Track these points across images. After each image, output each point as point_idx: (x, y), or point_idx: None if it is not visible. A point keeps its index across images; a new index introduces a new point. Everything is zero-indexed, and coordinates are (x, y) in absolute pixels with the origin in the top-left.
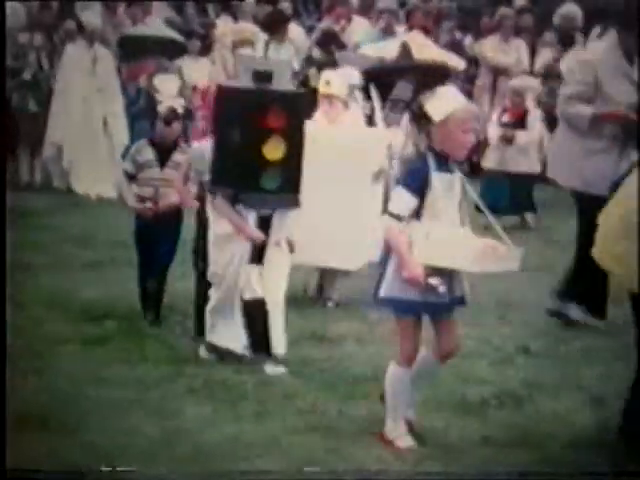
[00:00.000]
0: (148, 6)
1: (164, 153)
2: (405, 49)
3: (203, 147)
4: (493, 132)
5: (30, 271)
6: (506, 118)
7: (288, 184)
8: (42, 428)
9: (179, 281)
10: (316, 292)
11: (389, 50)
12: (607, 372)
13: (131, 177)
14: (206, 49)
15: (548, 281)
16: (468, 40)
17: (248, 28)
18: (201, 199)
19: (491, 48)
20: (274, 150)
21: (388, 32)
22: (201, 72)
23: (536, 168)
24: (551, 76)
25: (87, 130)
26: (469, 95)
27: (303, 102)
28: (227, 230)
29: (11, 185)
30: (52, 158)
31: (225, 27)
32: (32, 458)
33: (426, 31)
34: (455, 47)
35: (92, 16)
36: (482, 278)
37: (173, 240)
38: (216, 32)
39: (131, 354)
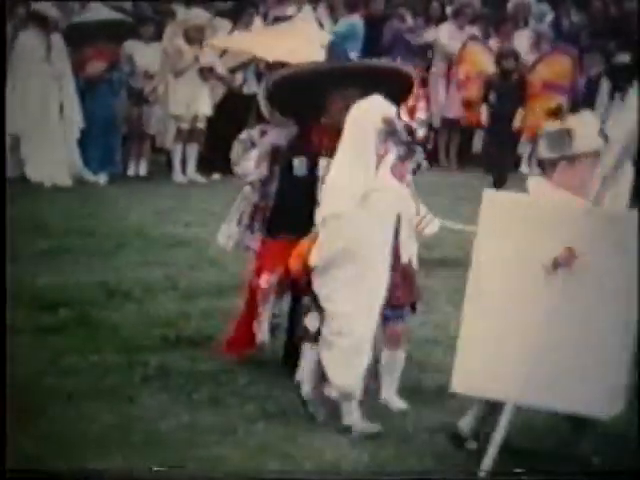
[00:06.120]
0: None
1: None
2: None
3: None
4: None
5: None
6: None
7: None
8: None
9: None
10: None
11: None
12: None
13: None
14: (158, 34)
15: None
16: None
17: (200, 15)
18: None
19: (446, 35)
20: None
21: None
22: (152, 58)
23: None
24: (504, 56)
25: (44, 118)
26: (424, 82)
27: None
28: None
29: None
30: (9, 147)
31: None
32: None
33: (382, 18)
34: (409, 33)
35: (47, 5)
36: (437, 265)
37: None
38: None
39: (85, 343)
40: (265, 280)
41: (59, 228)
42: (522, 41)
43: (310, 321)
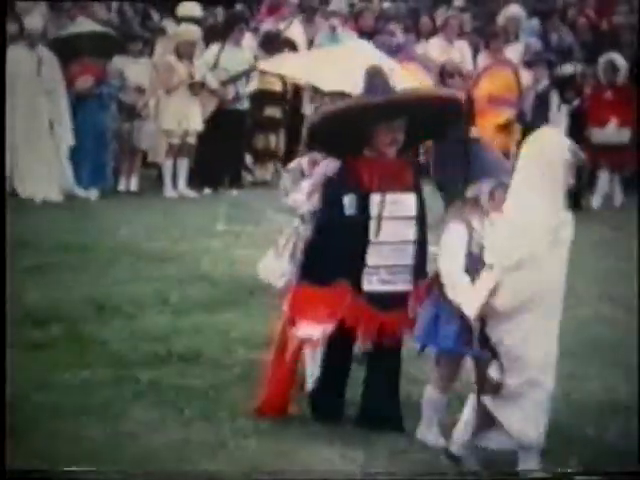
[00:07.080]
0: (88, 8)
1: None
2: (375, 73)
3: None
4: None
5: None
6: None
7: None
8: None
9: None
10: None
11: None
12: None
13: None
14: (148, 50)
15: None
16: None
17: (191, 30)
18: None
19: (436, 49)
20: None
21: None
22: (142, 73)
23: None
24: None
25: (33, 133)
26: None
27: None
28: None
29: None
30: None
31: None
32: None
33: (372, 33)
34: (399, 49)
35: (33, 19)
36: None
37: None
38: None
39: (76, 358)
40: (318, 331)
41: (49, 243)
42: (513, 55)
43: (492, 371)
